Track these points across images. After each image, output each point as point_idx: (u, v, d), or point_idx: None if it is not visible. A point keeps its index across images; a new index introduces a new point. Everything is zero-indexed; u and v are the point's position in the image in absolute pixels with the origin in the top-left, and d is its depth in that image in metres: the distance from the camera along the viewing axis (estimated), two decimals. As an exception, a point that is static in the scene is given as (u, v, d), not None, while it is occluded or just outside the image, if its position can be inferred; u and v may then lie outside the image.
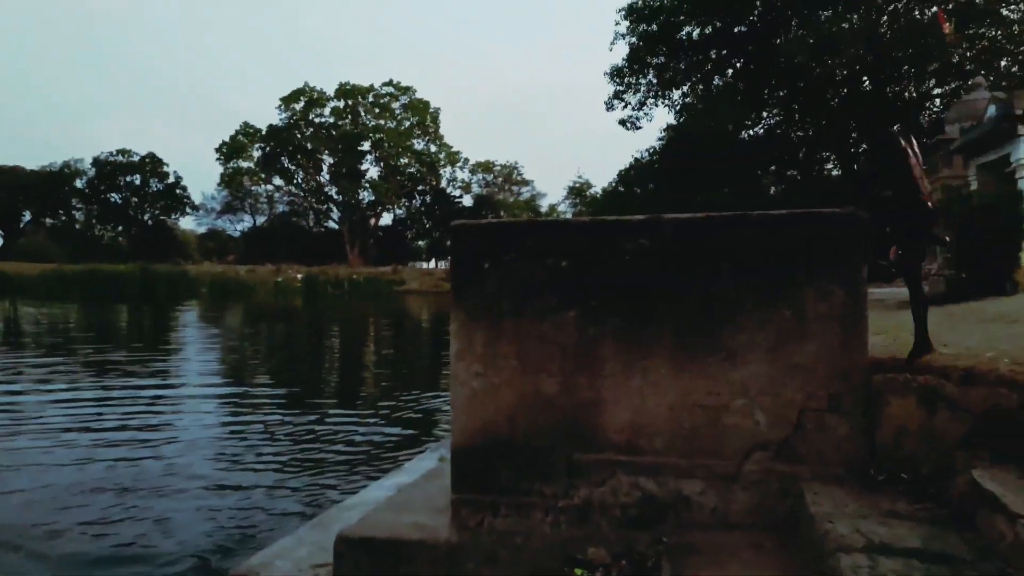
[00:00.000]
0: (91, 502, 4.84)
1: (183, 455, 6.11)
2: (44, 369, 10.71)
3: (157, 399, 8.59)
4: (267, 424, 7.29)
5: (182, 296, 35.53)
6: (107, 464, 5.79)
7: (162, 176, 61.70)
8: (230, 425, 7.33)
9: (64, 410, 7.79)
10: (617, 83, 31.68)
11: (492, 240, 3.14)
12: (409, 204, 61.70)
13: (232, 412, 8.08)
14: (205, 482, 5.32)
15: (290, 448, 6.30)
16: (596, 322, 3.03)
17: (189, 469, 5.68)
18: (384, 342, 16.68)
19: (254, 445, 6.47)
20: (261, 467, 5.70)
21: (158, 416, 7.67)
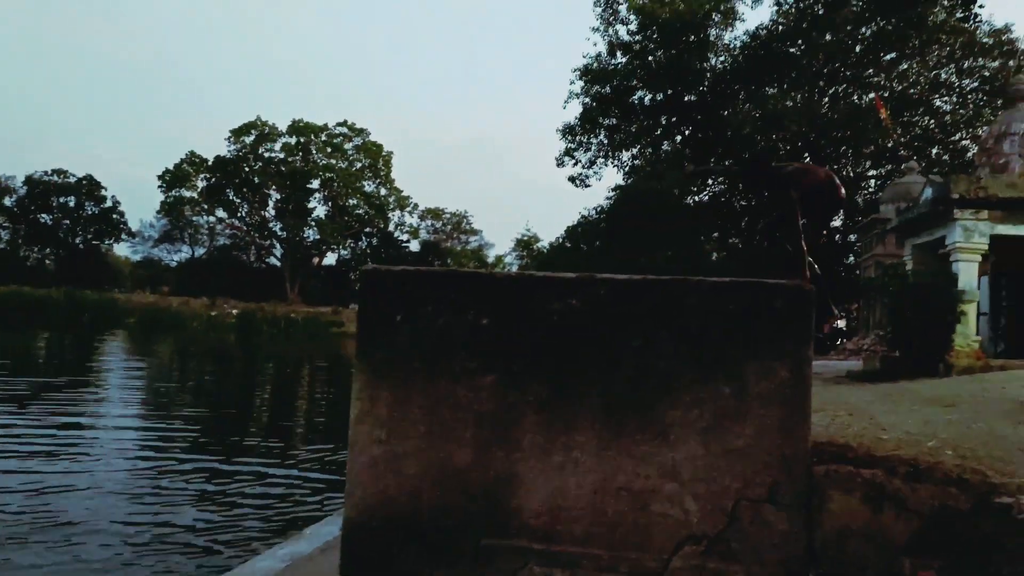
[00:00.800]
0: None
1: (95, 494, 5.62)
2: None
3: (62, 435, 7.88)
4: (171, 468, 6.68)
5: (109, 325, 33.88)
6: (24, 500, 5.32)
7: (99, 200, 59.49)
8: (131, 468, 6.73)
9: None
10: (569, 140, 32.19)
11: (407, 289, 2.80)
12: (355, 245, 60.91)
13: (140, 453, 7.50)
14: (79, 531, 4.73)
15: (190, 498, 5.73)
16: (517, 388, 2.71)
17: (67, 515, 5.12)
18: (314, 385, 16.00)
19: (154, 492, 5.90)
20: (153, 518, 5.12)
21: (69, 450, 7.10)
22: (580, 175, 32.69)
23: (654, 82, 30.06)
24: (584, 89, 31.36)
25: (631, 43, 30.60)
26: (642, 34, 30.17)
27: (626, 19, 30.51)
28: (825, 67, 27.35)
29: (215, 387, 14.46)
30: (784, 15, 28.42)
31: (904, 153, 25.34)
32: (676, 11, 28.42)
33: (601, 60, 31.18)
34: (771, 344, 2.65)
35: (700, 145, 30.40)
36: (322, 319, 41.01)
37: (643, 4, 29.31)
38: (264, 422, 10.46)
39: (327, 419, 10.85)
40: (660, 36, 29.49)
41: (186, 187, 55.43)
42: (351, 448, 2.82)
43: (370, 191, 58.77)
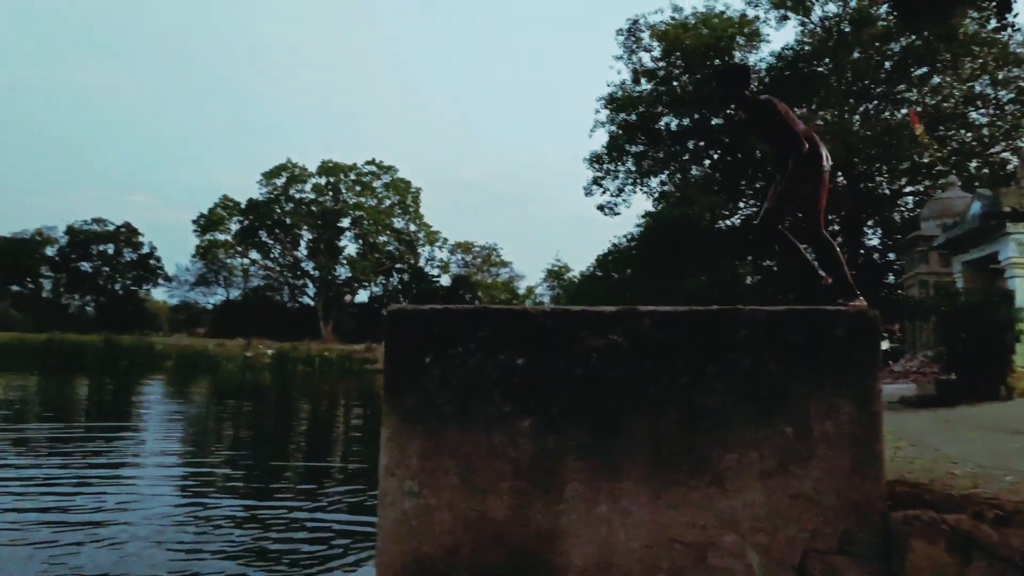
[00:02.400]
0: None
1: (134, 540, 5.55)
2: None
3: (105, 479, 7.85)
4: (202, 514, 6.57)
5: (147, 369, 34.32)
6: (52, 550, 5.20)
7: (136, 246, 60.90)
8: (178, 509, 6.71)
9: (9, 489, 7.14)
10: (596, 169, 32.13)
11: (436, 330, 2.63)
12: (386, 282, 61.30)
13: (182, 495, 7.46)
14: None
15: (218, 544, 5.56)
16: (556, 433, 2.51)
17: (139, 555, 5.14)
18: (348, 424, 15.88)
19: (199, 533, 5.82)
20: (185, 565, 4.97)
21: (107, 497, 7.02)
22: (609, 203, 32.55)
23: (680, 107, 29.94)
24: (610, 117, 31.36)
25: (655, 70, 30.60)
26: (666, 60, 30.17)
27: (649, 46, 30.56)
28: (854, 84, 26.99)
29: (250, 428, 14.41)
30: (810, 34, 28.21)
31: (941, 168, 24.76)
32: (699, 36, 28.39)
33: (626, 88, 31.21)
34: (834, 378, 2.42)
35: (729, 168, 30.10)
36: (355, 356, 41.10)
37: (666, 31, 29.35)
38: (297, 463, 10.32)
39: (360, 459, 10.68)
40: (684, 62, 29.44)
41: (220, 230, 56.44)
42: (381, 500, 2.63)
43: (400, 227, 59.27)
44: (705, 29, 28.66)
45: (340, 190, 58.33)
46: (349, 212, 57.76)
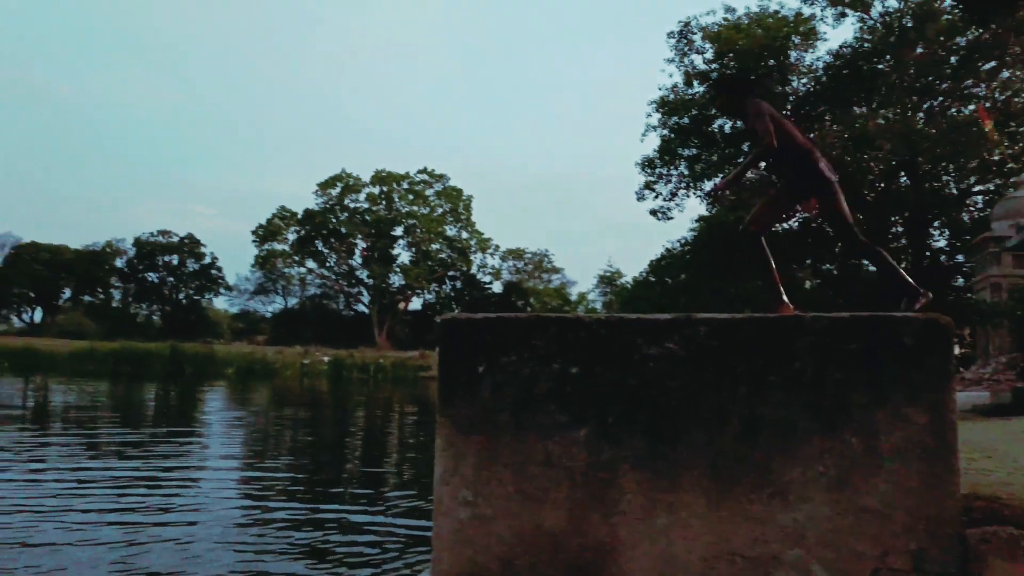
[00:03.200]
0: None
1: (200, 541, 5.77)
2: (61, 448, 10.32)
3: (171, 481, 8.14)
4: (263, 517, 6.74)
5: (209, 376, 35.41)
6: (124, 548, 5.47)
7: (199, 257, 63.10)
8: (241, 511, 6.92)
9: (82, 490, 7.46)
10: (648, 174, 31.81)
11: (489, 338, 2.63)
12: (439, 289, 61.94)
13: (245, 498, 7.70)
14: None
15: (278, 547, 5.68)
16: (613, 443, 2.47)
17: (203, 556, 5.36)
18: (403, 430, 16.05)
19: (261, 535, 6.00)
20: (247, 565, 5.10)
21: (174, 499, 7.30)
22: (661, 208, 32.18)
23: (733, 109, 29.45)
24: (662, 121, 31.03)
25: (708, 72, 30.16)
26: (719, 62, 29.70)
27: (701, 48, 30.15)
28: (917, 81, 26.08)
29: (308, 434, 14.69)
30: (869, 31, 27.40)
31: (1013, 166, 23.69)
32: (753, 37, 27.88)
33: (678, 91, 30.84)
34: (903, 387, 2.32)
35: (786, 170, 29.45)
36: (409, 363, 41.58)
37: (718, 32, 28.92)
38: (354, 468, 10.47)
39: (415, 464, 10.78)
40: (737, 63, 28.93)
41: (278, 240, 57.97)
42: (436, 509, 2.63)
43: (452, 235, 59.89)
44: (759, 29, 28.13)
45: (393, 199, 59.29)
46: (402, 220, 58.65)
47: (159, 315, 63.70)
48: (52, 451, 10.33)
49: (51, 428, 13.27)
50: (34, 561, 5.13)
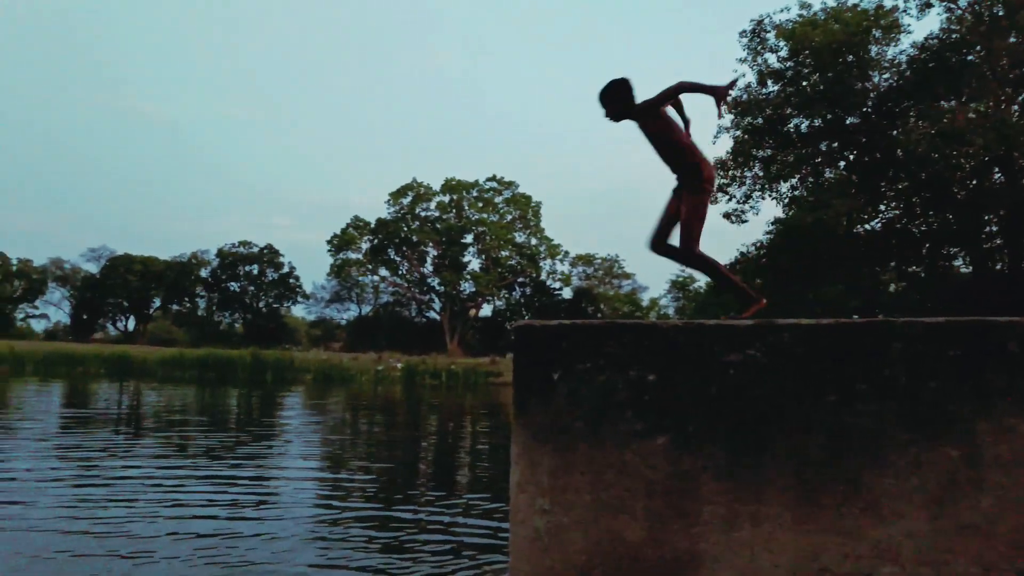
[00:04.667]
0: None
1: (284, 538, 5.99)
2: (154, 448, 10.85)
3: (256, 480, 8.46)
4: (353, 512, 6.94)
5: (288, 381, 36.56)
6: (215, 541, 5.75)
7: (277, 266, 65.40)
8: (321, 510, 7.13)
9: (173, 488, 7.82)
10: (721, 176, 31.14)
11: (563, 345, 2.61)
12: (509, 296, 62.21)
13: (324, 497, 7.92)
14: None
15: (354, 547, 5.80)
16: (692, 453, 2.41)
17: (288, 551, 5.57)
18: (476, 435, 16.16)
19: (340, 533, 6.18)
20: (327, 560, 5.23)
21: (259, 497, 7.56)
22: (735, 211, 31.45)
23: (811, 108, 28.52)
24: (735, 122, 30.36)
25: (782, 70, 29.35)
26: (794, 60, 28.87)
27: (775, 47, 29.36)
28: (1011, 72, 24.66)
29: (383, 437, 14.97)
30: (957, 21, 26.09)
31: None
32: (830, 33, 26.96)
33: (751, 90, 30.12)
34: (1007, 396, 2.18)
35: (867, 169, 28.31)
36: (480, 369, 41.86)
37: (793, 29, 28.11)
38: (428, 470, 10.60)
39: (487, 469, 10.82)
40: (814, 60, 28.06)
41: (352, 249, 59.45)
42: (512, 517, 2.63)
43: (521, 241, 60.09)
44: (836, 24, 27.18)
45: (463, 207, 59.96)
46: (472, 228, 59.23)
47: (241, 323, 66.27)
48: (145, 451, 10.86)
49: (144, 430, 13.96)
50: (130, 559, 5.40)
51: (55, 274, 67.84)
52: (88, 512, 6.70)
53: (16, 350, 39.29)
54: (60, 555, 5.44)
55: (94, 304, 65.48)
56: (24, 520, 6.39)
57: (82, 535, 6.02)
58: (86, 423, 14.88)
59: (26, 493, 7.48)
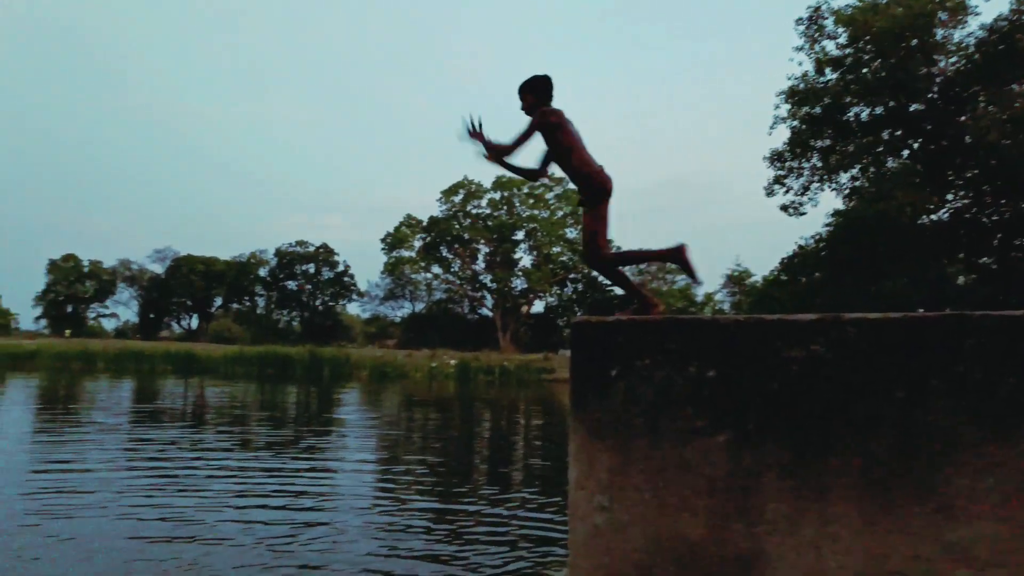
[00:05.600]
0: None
1: (343, 530, 6.17)
2: (218, 442, 11.22)
3: (314, 475, 8.69)
4: (409, 507, 7.07)
5: (344, 378, 37.28)
6: (277, 530, 5.96)
7: (333, 265, 66.72)
8: (378, 504, 7.31)
9: (238, 480, 8.12)
10: (778, 167, 30.45)
11: (622, 341, 2.60)
12: (560, 292, 62.08)
13: (381, 492, 8.10)
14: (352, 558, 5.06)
15: (414, 539, 5.89)
16: (754, 450, 2.37)
17: (347, 542, 5.75)
18: (529, 431, 16.19)
19: (397, 527, 6.32)
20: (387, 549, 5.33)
21: (318, 490, 7.76)
22: (793, 203, 30.72)
23: (872, 95, 27.62)
24: (791, 112, 29.62)
25: (841, 57, 28.49)
26: (853, 46, 27.99)
27: (834, 33, 28.52)
28: (1089, 53, 23.44)
29: (438, 433, 15.14)
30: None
31: None
32: (892, 17, 26.03)
33: (809, 79, 29.34)
34: (1092, 393, 2.08)
35: (933, 158, 27.27)
36: (533, 366, 41.91)
37: (852, 15, 27.25)
38: (483, 465, 10.68)
39: (540, 465, 10.84)
40: (875, 46, 27.15)
41: (405, 248, 60.20)
42: (571, 513, 2.63)
43: (572, 238, 59.83)
44: (899, 8, 26.23)
45: (514, 204, 60.05)
46: (523, 225, 59.28)
47: (298, 321, 67.86)
48: (211, 444, 11.23)
49: (210, 424, 14.43)
50: (200, 545, 5.61)
51: (124, 275, 70.69)
52: (159, 501, 7.00)
53: (89, 348, 41.05)
54: (134, 541, 5.70)
55: (160, 303, 67.94)
56: (100, 508, 6.71)
57: (155, 523, 6.31)
58: (156, 417, 15.46)
59: (102, 483, 7.86)
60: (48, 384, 25.98)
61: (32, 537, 5.68)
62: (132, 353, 40.76)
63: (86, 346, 41.50)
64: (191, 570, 5.07)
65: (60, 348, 41.31)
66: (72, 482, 7.94)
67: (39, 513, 6.47)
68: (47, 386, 25.06)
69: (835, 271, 27.32)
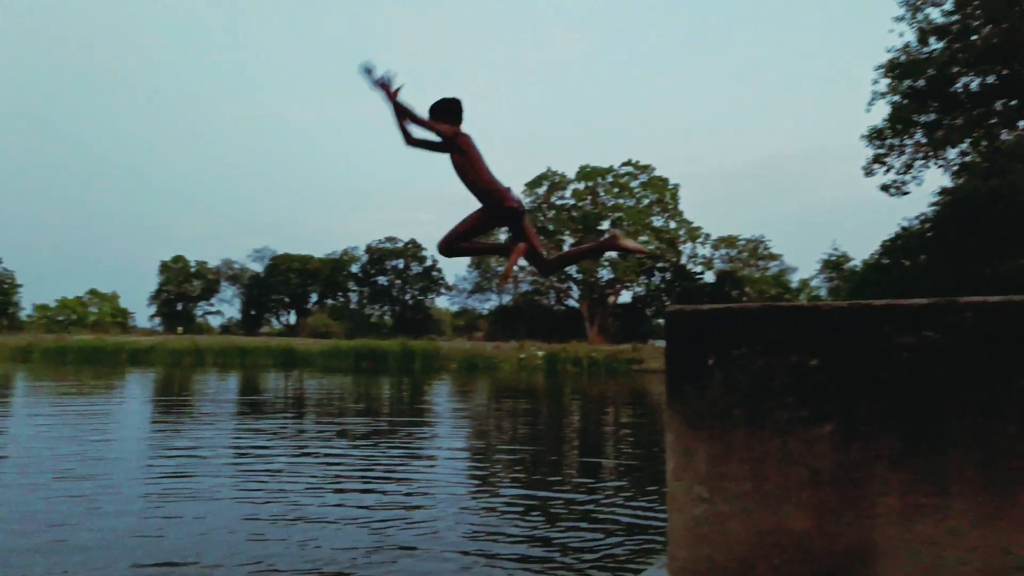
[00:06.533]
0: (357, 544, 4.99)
1: (436, 520, 6.33)
2: (318, 433, 11.73)
3: (408, 466, 8.97)
4: (501, 498, 7.22)
5: (435, 370, 38.12)
6: (372, 521, 6.16)
7: (421, 260, 68.11)
8: (471, 494, 7.46)
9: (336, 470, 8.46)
10: (877, 146, 28.92)
11: (719, 330, 2.54)
12: (648, 281, 61.18)
13: (473, 482, 8.28)
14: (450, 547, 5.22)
15: (517, 525, 5.98)
16: (862, 441, 2.27)
17: (440, 532, 5.90)
18: (619, 422, 16.09)
19: (490, 517, 6.44)
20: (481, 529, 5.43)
21: (411, 481, 8.01)
22: (894, 182, 29.12)
23: (982, 64, 25.78)
24: (892, 86, 28.05)
25: (947, 25, 26.73)
26: (960, 12, 26.21)
27: (938, 0, 26.79)
28: None
29: (527, 424, 15.26)
30: None
31: None
32: (1004, -23, 24.22)
33: (910, 51, 27.69)
34: None
35: (1053, 128, 25.24)
36: (621, 356, 41.55)
37: (959, -21, 25.54)
38: (573, 456, 10.69)
39: (631, 456, 10.76)
40: (985, 11, 25.33)
41: (491, 241, 60.66)
42: (670, 504, 2.60)
43: (659, 226, 58.84)
44: (1012, -33, 24.37)
45: (598, 193, 59.55)
46: (608, 214, 58.71)
47: (390, 315, 69.71)
48: (312, 434, 11.74)
49: (310, 415, 15.07)
50: (307, 526, 5.90)
51: (227, 274, 74.55)
52: (267, 486, 7.39)
53: (198, 344, 43.56)
54: (247, 522, 6.06)
55: (260, 300, 71.24)
56: (215, 492, 7.18)
57: (264, 505, 6.69)
58: (262, 409, 16.30)
59: (215, 468, 8.39)
60: (163, 378, 27.79)
61: (154, 519, 6.13)
62: (236, 348, 42.97)
63: (195, 342, 44.03)
64: (301, 548, 5.36)
65: (173, 344, 44.01)
66: (188, 468, 8.50)
67: (160, 496, 6.98)
68: (163, 380, 26.81)
69: (943, 253, 25.75)
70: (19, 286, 70.89)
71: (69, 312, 71.48)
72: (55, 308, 72.01)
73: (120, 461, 8.89)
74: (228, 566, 4.95)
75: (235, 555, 5.16)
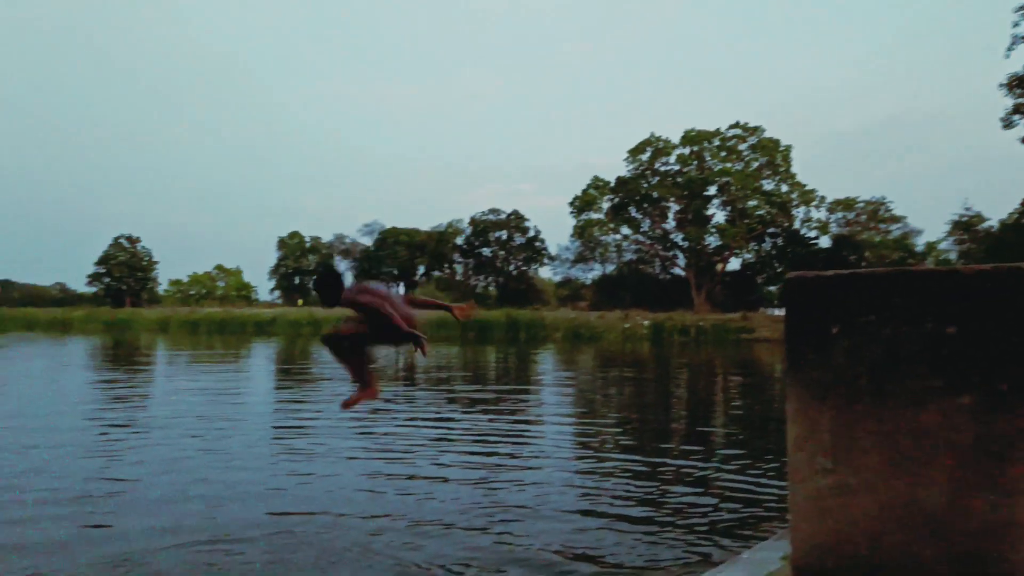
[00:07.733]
0: (461, 514, 5.25)
1: (545, 484, 6.46)
2: (429, 401, 12.19)
3: (519, 432, 9.23)
4: (610, 464, 7.28)
5: (540, 340, 38.46)
6: (485, 487, 6.38)
7: (524, 231, 68.41)
8: (579, 461, 7.57)
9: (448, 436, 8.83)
10: (1017, 95, 26.44)
11: (843, 297, 2.43)
12: (758, 248, 58.90)
13: (581, 449, 8.41)
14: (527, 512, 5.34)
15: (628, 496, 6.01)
16: (1006, 413, 2.13)
17: (550, 497, 5.99)
18: (729, 392, 15.72)
19: (599, 482, 6.55)
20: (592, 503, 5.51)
21: (521, 447, 8.18)
22: (1037, 133, 26.56)
23: None
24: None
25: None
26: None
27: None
28: None
29: (634, 392, 15.18)
30: None
31: None
32: None
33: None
34: None
35: None
36: (730, 325, 40.41)
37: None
38: (682, 425, 10.57)
39: (742, 425, 10.51)
40: None
41: (593, 210, 60.08)
42: (791, 476, 2.54)
43: (770, 189, 56.31)
44: None
45: (704, 158, 57.65)
46: (715, 179, 56.78)
47: (494, 286, 70.67)
48: (422, 403, 12.16)
49: (420, 385, 15.60)
50: (424, 484, 6.18)
51: (339, 248, 77.67)
52: (378, 455, 7.74)
53: (315, 316, 45.83)
54: (363, 479, 6.42)
55: (371, 273, 73.88)
56: (332, 450, 7.64)
57: (380, 463, 7.08)
58: (374, 377, 17.00)
59: (332, 431, 8.89)
60: (285, 347, 29.46)
61: (277, 476, 6.58)
62: (350, 319, 44.82)
63: (313, 314, 46.33)
64: (419, 504, 5.64)
65: (293, 316, 46.52)
66: (308, 430, 9.03)
67: (282, 455, 7.48)
68: (284, 349, 28.43)
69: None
70: (156, 263, 76.79)
71: (200, 287, 76.89)
72: (187, 283, 77.61)
73: (252, 422, 9.58)
74: (353, 515, 5.28)
75: (359, 508, 5.50)
